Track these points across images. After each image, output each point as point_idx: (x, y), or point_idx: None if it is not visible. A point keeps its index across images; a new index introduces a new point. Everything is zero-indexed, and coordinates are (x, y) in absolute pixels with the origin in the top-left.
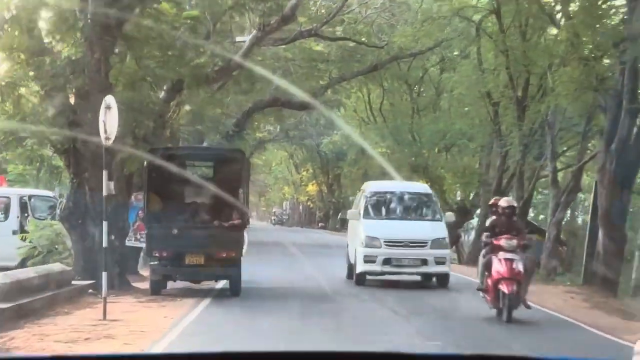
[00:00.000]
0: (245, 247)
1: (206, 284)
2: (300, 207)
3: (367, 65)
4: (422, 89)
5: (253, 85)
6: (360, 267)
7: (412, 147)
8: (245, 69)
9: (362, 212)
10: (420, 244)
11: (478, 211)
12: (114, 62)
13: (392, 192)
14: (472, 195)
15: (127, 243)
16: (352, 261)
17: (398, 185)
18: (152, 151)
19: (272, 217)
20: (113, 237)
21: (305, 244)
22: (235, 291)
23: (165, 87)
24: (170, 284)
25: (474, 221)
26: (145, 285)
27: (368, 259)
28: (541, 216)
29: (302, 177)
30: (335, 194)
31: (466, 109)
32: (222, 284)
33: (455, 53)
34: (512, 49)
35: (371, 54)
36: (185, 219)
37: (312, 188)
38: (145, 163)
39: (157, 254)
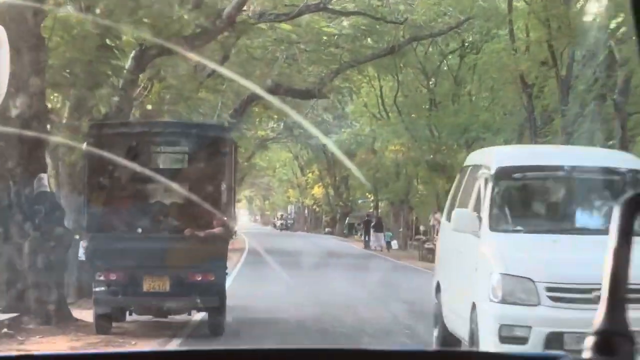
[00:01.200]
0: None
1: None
2: (306, 211)
3: (384, 48)
4: (439, 79)
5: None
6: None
7: (430, 143)
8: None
9: (486, 215)
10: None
11: None
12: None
13: (554, 171)
14: None
15: (81, 257)
16: (455, 327)
17: (564, 154)
18: (93, 128)
19: (277, 222)
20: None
21: (313, 253)
22: (215, 329)
23: (133, 54)
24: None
25: None
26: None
27: (509, 336)
28: None
29: (307, 179)
30: (342, 196)
31: (493, 98)
32: (200, 315)
33: (478, 36)
34: (554, 18)
35: (387, 34)
36: (145, 226)
37: (318, 191)
38: (85, 146)
39: (102, 277)
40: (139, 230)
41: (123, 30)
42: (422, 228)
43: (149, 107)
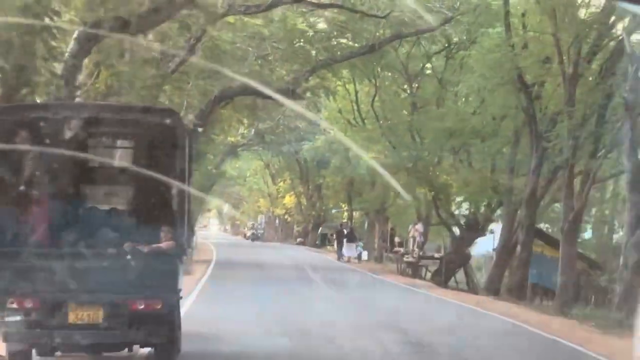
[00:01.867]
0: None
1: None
2: (277, 221)
3: (362, 45)
4: (422, 82)
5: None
6: None
7: (410, 149)
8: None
9: None
10: None
11: (492, 226)
12: None
13: None
14: (483, 207)
15: None
16: None
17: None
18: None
19: (248, 232)
20: None
21: (285, 266)
22: None
23: (75, 34)
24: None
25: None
26: None
27: None
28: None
29: (278, 188)
30: (315, 206)
31: (482, 100)
32: (146, 350)
33: (466, 34)
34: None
35: (366, 31)
36: (70, 238)
37: (289, 200)
38: None
39: (14, 304)
40: (63, 244)
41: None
42: (397, 239)
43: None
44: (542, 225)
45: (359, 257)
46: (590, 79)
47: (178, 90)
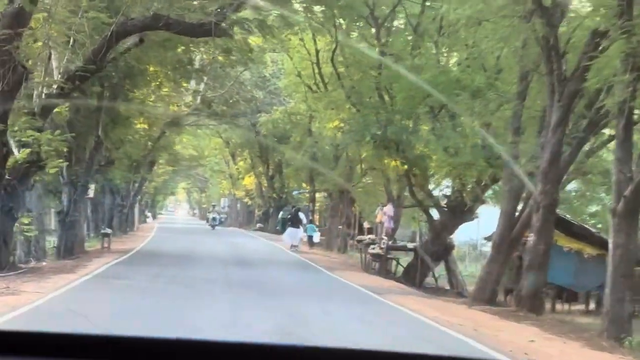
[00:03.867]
0: None
1: None
2: (238, 205)
3: None
4: (393, 33)
5: None
6: None
7: (379, 112)
8: None
9: None
10: None
11: (481, 208)
12: None
13: None
14: (470, 184)
15: None
16: None
17: None
18: None
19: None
20: None
21: (226, 260)
22: None
23: None
24: None
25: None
26: None
27: None
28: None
29: (238, 169)
30: (276, 187)
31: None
32: None
33: None
34: None
35: None
36: None
37: (249, 181)
38: None
39: None
40: None
41: None
42: (366, 225)
43: None
44: None
45: (310, 241)
46: None
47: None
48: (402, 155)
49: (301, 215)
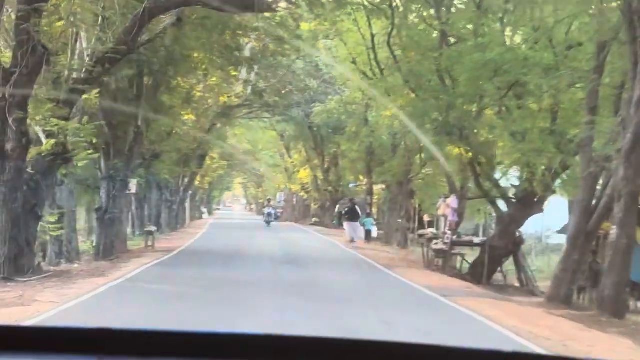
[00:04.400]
0: None
1: None
2: (294, 199)
3: None
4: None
5: None
6: None
7: (439, 96)
8: None
9: None
10: None
11: (550, 199)
12: None
13: None
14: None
15: None
16: None
17: None
18: None
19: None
20: None
21: (269, 255)
22: None
23: None
24: None
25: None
26: None
27: None
28: None
29: (293, 162)
30: (332, 180)
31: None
32: None
33: None
34: None
35: None
36: None
37: (304, 174)
38: None
39: None
40: None
41: None
42: (426, 218)
43: None
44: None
45: (368, 235)
46: None
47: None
48: (466, 142)
49: (358, 208)
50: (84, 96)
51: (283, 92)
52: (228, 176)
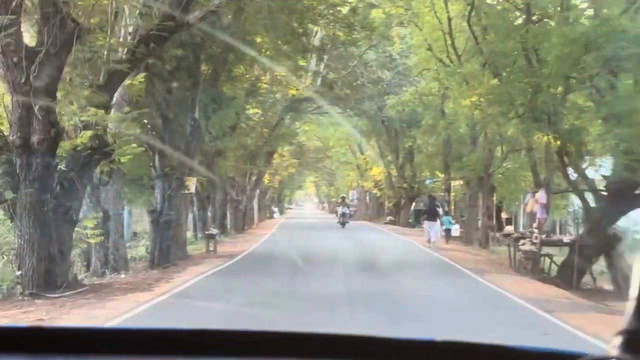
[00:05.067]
0: None
1: None
2: (367, 197)
3: None
4: None
5: None
6: None
7: (524, 78)
8: None
9: None
10: None
11: None
12: None
13: None
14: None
15: None
16: None
17: None
18: None
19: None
20: None
21: (345, 258)
22: None
23: None
24: None
25: None
26: None
27: None
28: None
29: (366, 158)
30: (407, 176)
31: None
32: None
33: None
34: None
35: None
36: None
37: (377, 171)
38: None
39: None
40: None
41: None
42: (504, 216)
43: None
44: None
45: (448, 234)
46: None
47: None
48: (554, 129)
49: (438, 206)
50: (127, 81)
51: (354, 84)
52: (299, 174)
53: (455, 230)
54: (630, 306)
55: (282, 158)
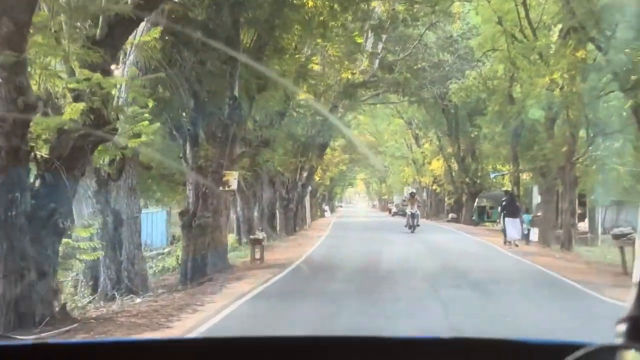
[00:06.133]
0: None
1: None
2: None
3: None
4: None
5: None
6: None
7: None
8: None
9: None
10: None
11: None
12: None
13: None
14: None
15: None
16: None
17: None
18: None
19: (393, 208)
20: None
21: (429, 274)
22: None
23: None
24: None
25: None
26: None
27: None
28: None
29: (424, 152)
30: (470, 170)
31: None
32: None
33: None
34: None
35: None
36: None
37: (437, 165)
38: None
39: None
40: None
41: None
42: (579, 211)
43: None
44: None
45: (527, 237)
46: None
47: None
48: None
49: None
50: (137, 38)
51: (414, 67)
52: (350, 171)
53: (534, 234)
54: (633, 292)
55: (333, 153)
